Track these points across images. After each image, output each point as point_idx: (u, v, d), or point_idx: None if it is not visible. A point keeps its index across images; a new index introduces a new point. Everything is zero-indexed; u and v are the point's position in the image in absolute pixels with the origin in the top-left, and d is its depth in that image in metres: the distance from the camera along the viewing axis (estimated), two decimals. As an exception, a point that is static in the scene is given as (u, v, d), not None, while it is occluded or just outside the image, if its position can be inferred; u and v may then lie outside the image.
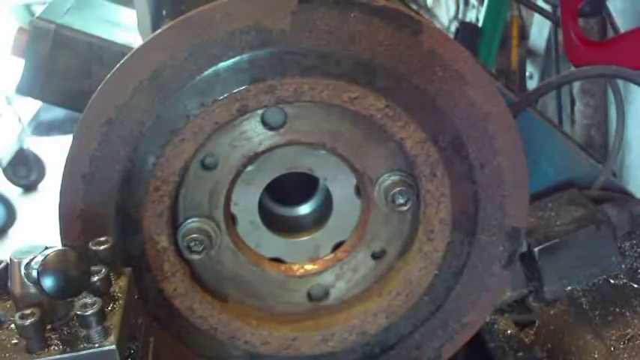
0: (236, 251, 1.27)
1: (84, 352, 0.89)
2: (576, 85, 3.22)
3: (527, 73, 3.75)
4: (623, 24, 2.30)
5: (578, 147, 1.86)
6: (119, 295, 0.98)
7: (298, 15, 1.11)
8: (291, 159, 1.25)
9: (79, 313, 0.89)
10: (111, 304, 0.96)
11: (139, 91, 1.12)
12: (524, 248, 1.56)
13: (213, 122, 1.14)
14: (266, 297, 1.31)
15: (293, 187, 1.33)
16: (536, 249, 1.55)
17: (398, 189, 1.21)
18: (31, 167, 5.76)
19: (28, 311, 0.89)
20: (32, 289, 0.92)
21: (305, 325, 1.30)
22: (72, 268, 0.89)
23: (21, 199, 5.63)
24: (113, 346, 0.89)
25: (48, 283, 0.88)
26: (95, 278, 0.95)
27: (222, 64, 1.12)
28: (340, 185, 1.28)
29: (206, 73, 1.12)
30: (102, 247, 1.02)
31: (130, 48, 1.33)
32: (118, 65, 1.12)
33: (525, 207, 1.24)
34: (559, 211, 1.64)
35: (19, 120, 5.65)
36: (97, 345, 0.89)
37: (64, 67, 2.19)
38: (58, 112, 5.76)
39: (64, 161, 1.15)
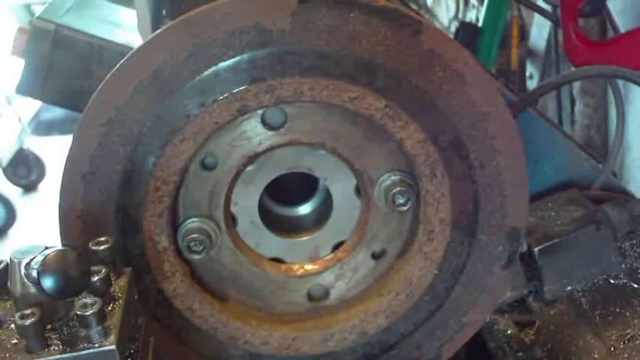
0: (236, 251, 1.27)
1: (84, 352, 0.89)
2: (576, 85, 3.22)
3: (527, 73, 3.76)
4: (623, 24, 2.30)
5: (578, 147, 1.86)
6: (119, 295, 0.98)
7: (298, 15, 1.11)
8: (291, 159, 1.25)
9: (79, 313, 0.89)
10: (111, 304, 0.96)
11: (139, 91, 1.12)
12: (524, 248, 1.56)
13: (213, 122, 1.14)
14: (266, 297, 1.31)
15: (293, 187, 1.33)
16: (536, 249, 1.55)
17: (398, 189, 1.21)
18: (31, 167, 5.74)
19: (28, 311, 0.89)
20: (32, 289, 0.92)
21: (305, 325, 1.30)
22: (72, 268, 0.89)
23: (21, 199, 5.62)
24: (113, 346, 0.89)
25: (48, 283, 0.88)
26: (95, 278, 0.95)
27: (223, 64, 1.12)
28: (340, 185, 1.28)
29: (206, 73, 1.12)
30: (102, 247, 1.02)
31: (130, 48, 1.33)
32: (118, 65, 1.12)
33: (525, 207, 1.24)
34: (559, 211, 1.64)
35: (19, 120, 5.64)
36: (97, 345, 0.89)
37: (64, 67, 2.19)
38: (58, 112, 5.75)
39: (64, 161, 1.15)
